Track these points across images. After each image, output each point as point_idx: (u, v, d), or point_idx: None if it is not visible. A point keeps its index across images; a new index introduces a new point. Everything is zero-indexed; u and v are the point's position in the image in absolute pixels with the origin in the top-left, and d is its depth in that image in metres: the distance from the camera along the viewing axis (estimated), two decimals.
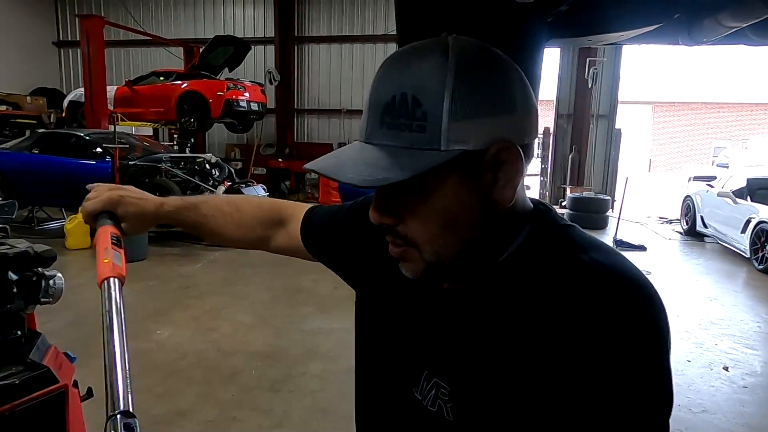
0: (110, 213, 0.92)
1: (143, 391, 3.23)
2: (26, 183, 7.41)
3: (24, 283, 1.33)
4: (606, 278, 0.55)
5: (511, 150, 0.55)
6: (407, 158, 0.53)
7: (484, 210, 0.58)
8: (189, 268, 6.19)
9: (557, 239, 0.61)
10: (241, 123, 11.48)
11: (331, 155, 0.61)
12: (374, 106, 0.57)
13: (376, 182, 0.53)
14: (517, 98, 0.56)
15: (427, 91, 0.54)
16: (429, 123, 0.53)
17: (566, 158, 11.87)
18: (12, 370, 1.19)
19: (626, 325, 0.52)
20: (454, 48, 0.55)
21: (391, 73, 0.57)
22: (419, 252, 0.60)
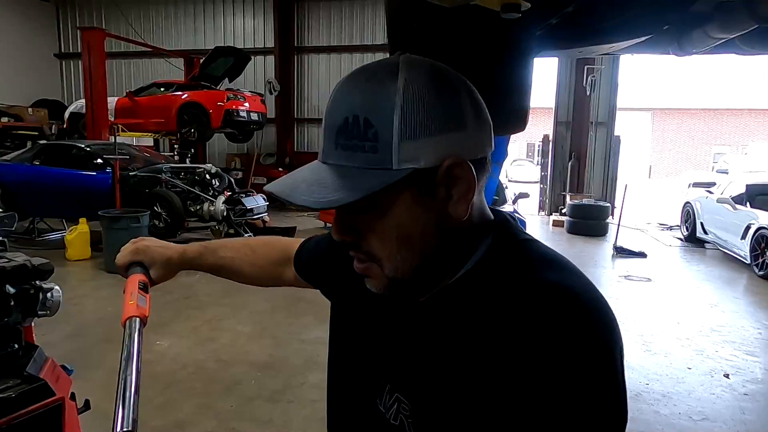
0: (140, 263, 1.00)
1: (143, 403, 3.19)
2: (27, 194, 7.44)
3: (22, 296, 1.33)
4: (560, 298, 0.55)
5: (462, 166, 0.57)
6: (360, 178, 0.55)
7: (439, 225, 0.59)
8: (189, 279, 6.18)
9: (516, 254, 0.61)
10: (241, 133, 11.54)
11: (289, 176, 0.63)
12: (329, 128, 0.59)
13: (327, 204, 0.55)
14: (467, 115, 0.57)
15: (377, 112, 0.55)
16: (380, 143, 0.55)
17: (566, 165, 11.89)
18: (9, 383, 1.20)
19: (576, 345, 0.52)
20: (403, 69, 0.56)
21: (343, 96, 0.59)
22: (380, 268, 0.62)
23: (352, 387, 0.76)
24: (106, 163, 7.41)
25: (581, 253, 8.33)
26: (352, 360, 0.77)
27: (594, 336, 0.54)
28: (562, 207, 11.31)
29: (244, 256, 1.06)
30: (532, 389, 0.52)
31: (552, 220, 11.03)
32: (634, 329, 4.79)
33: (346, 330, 0.80)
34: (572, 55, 5.03)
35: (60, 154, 7.80)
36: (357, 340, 0.76)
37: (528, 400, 0.52)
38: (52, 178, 7.48)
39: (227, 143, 12.86)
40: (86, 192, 7.30)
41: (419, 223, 0.59)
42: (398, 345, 0.68)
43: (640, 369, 3.90)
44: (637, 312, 5.34)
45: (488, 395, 0.55)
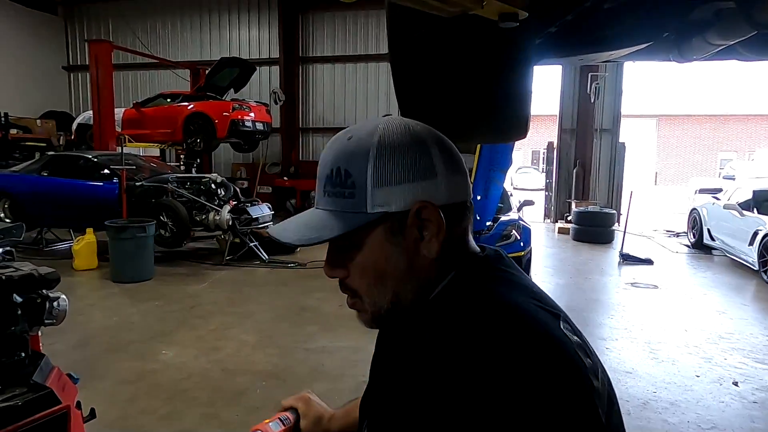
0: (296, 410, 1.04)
1: (148, 412, 3.22)
2: (35, 205, 7.50)
3: (28, 306, 1.35)
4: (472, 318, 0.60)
5: (429, 209, 0.64)
6: (339, 220, 0.65)
7: (411, 262, 0.67)
8: (195, 288, 6.21)
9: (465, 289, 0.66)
10: (246, 143, 11.60)
11: (290, 220, 0.73)
12: (320, 178, 0.69)
13: (307, 241, 0.66)
14: (437, 165, 0.65)
15: (355, 164, 0.65)
16: (357, 190, 0.64)
17: (570, 173, 11.87)
18: (15, 392, 1.21)
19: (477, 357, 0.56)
20: (379, 127, 0.66)
21: (330, 151, 0.68)
22: (363, 302, 0.70)
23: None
24: (112, 173, 7.47)
25: (587, 260, 8.29)
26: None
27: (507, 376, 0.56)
28: (567, 214, 11.27)
29: None
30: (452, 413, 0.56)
31: (557, 228, 11.00)
32: (641, 337, 4.75)
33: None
34: (573, 63, 5.04)
35: (67, 164, 7.87)
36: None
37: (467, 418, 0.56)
38: (59, 188, 7.55)
39: (233, 153, 12.93)
40: (93, 202, 7.36)
41: (390, 260, 0.67)
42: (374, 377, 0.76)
43: (648, 377, 3.86)
44: (644, 319, 5.30)
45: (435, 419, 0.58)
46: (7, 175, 8.04)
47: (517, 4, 0.84)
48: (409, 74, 1.22)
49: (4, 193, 7.75)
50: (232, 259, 7.36)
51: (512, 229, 5.98)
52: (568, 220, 10.84)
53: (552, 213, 12.31)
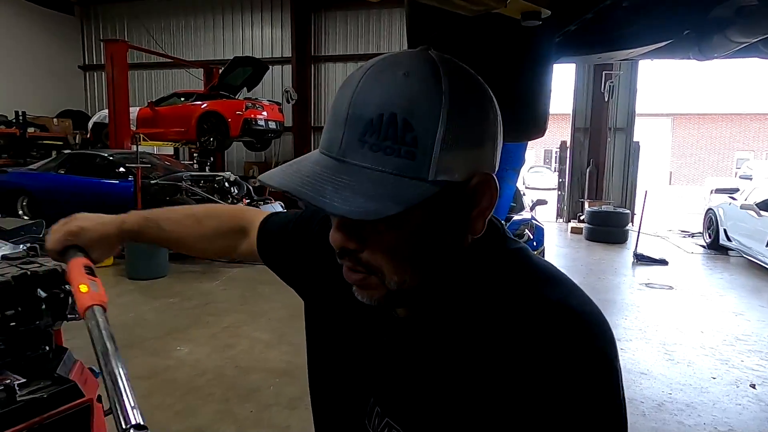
0: (76, 246, 0.89)
1: (163, 408, 3.26)
2: (52, 202, 7.62)
3: (52, 300, 1.37)
4: (562, 318, 0.53)
5: (490, 182, 0.54)
6: (393, 187, 0.49)
7: (455, 241, 0.56)
8: (208, 286, 6.26)
9: (508, 268, 0.59)
10: (259, 141, 11.68)
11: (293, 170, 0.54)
12: (354, 120, 0.51)
13: (369, 215, 0.48)
14: (496, 126, 0.55)
15: (420, 115, 0.49)
16: (419, 150, 0.49)
17: (584, 172, 11.78)
18: (40, 385, 1.23)
19: (578, 366, 0.51)
20: (444, 71, 0.51)
21: (377, 88, 0.51)
22: (381, 280, 0.56)
23: (338, 402, 0.72)
24: (128, 171, 7.57)
25: (601, 260, 8.22)
26: (336, 372, 0.72)
27: (595, 356, 0.52)
28: (580, 214, 11.19)
29: (189, 229, 0.97)
30: (536, 411, 0.50)
31: (570, 227, 10.92)
32: (656, 338, 4.70)
33: (327, 336, 0.75)
34: (591, 61, 5.00)
35: (84, 163, 7.99)
36: (339, 349, 0.71)
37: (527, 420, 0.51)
38: (76, 186, 7.67)
39: (245, 152, 13.02)
40: (109, 200, 7.46)
41: (438, 238, 0.55)
42: (385, 363, 0.63)
43: (663, 378, 3.83)
44: (659, 320, 5.25)
45: (485, 416, 0.53)
46: (26, 173, 8.19)
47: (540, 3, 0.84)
48: None
49: (23, 190, 7.90)
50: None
51: (525, 228, 5.94)
52: (581, 220, 10.76)
53: (565, 213, 12.23)
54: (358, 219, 0.49)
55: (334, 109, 0.54)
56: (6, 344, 1.26)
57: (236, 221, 0.96)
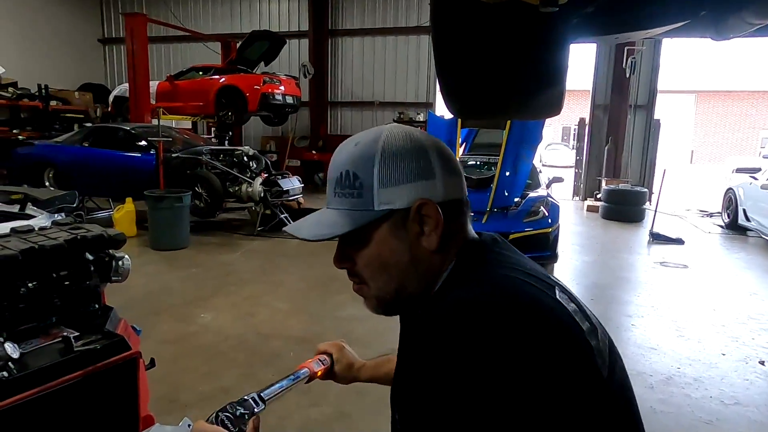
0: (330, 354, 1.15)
1: (190, 371, 3.44)
2: (77, 174, 7.82)
3: (98, 263, 1.50)
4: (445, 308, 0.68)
5: (429, 206, 0.72)
6: (348, 217, 0.73)
7: (413, 254, 0.75)
8: (229, 257, 6.44)
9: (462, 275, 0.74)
10: (276, 116, 11.72)
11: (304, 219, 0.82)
12: (330, 181, 0.77)
13: (321, 236, 0.73)
14: (435, 168, 0.74)
15: (362, 167, 0.73)
16: (364, 190, 0.73)
17: (602, 150, 11.65)
18: (92, 338, 1.36)
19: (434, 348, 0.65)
20: (383, 134, 0.74)
21: (339, 156, 0.77)
22: (369, 289, 0.78)
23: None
24: (149, 145, 7.71)
25: (616, 238, 8.22)
26: None
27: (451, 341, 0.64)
28: (597, 192, 11.12)
29: None
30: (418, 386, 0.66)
31: (586, 205, 10.88)
32: (667, 315, 4.76)
33: None
34: (609, 42, 4.94)
35: (107, 136, 8.15)
36: None
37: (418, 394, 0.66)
38: (100, 159, 7.85)
39: (262, 126, 13.09)
40: (132, 172, 7.64)
41: (395, 252, 0.74)
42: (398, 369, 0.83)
43: (672, 354, 3.90)
44: (672, 298, 5.29)
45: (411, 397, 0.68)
46: (51, 145, 8.39)
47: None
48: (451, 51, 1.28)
49: (49, 162, 8.10)
50: (264, 230, 7.57)
51: (540, 205, 5.97)
52: (597, 198, 10.70)
53: (581, 190, 12.15)
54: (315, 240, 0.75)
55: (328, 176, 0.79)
56: (61, 301, 1.39)
57: None
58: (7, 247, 1.29)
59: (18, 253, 1.27)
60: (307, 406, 3.06)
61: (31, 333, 1.32)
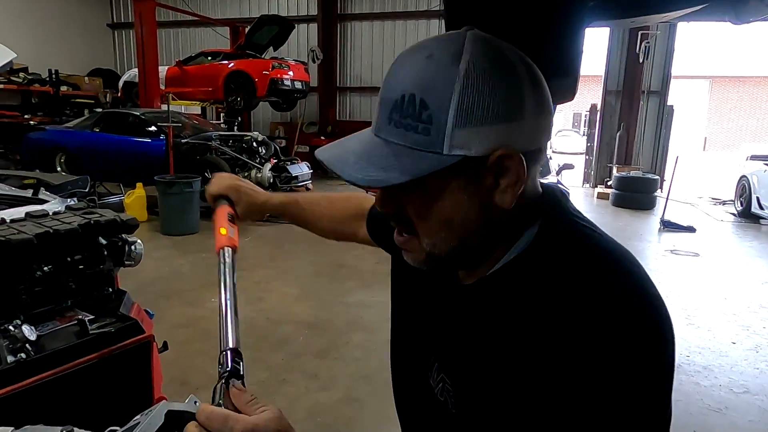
0: (227, 197, 1.04)
1: (201, 354, 3.49)
2: (88, 159, 7.88)
3: (112, 247, 1.51)
4: (608, 291, 0.56)
5: (512, 158, 0.56)
6: (409, 159, 0.56)
7: (483, 212, 0.60)
8: (239, 242, 6.48)
9: (565, 245, 0.61)
10: (285, 101, 11.70)
11: (338, 144, 0.64)
12: (384, 102, 0.59)
13: (375, 183, 0.56)
14: (527, 104, 0.56)
15: (434, 94, 0.55)
16: (433, 126, 0.55)
17: (613, 136, 11.52)
18: (106, 321, 1.38)
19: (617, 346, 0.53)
20: (467, 50, 0.55)
21: (402, 71, 0.58)
22: (419, 242, 0.63)
23: (408, 356, 0.79)
24: (159, 130, 7.74)
25: (626, 226, 8.16)
26: (408, 329, 0.80)
27: (643, 337, 0.54)
28: (607, 179, 11.02)
29: (324, 209, 1.10)
30: (572, 390, 0.53)
31: (596, 193, 10.80)
32: (677, 303, 4.74)
33: (404, 297, 0.83)
34: (625, 25, 4.84)
35: (117, 121, 8.19)
36: (412, 310, 0.79)
37: (566, 400, 0.53)
38: (110, 144, 7.90)
39: (271, 112, 13.08)
40: (142, 158, 7.68)
41: (462, 208, 0.59)
42: (445, 326, 0.69)
43: (682, 342, 3.89)
44: (682, 286, 5.26)
45: (527, 389, 0.56)
46: (62, 130, 8.45)
47: None
48: None
49: (61, 148, 8.16)
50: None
51: None
52: (608, 185, 10.62)
53: (592, 178, 12.05)
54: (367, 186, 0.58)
55: (380, 93, 0.61)
56: (75, 285, 1.40)
57: (360, 206, 1.05)
58: (22, 231, 1.30)
59: (33, 237, 1.28)
60: (316, 391, 3.10)
61: (47, 316, 1.34)
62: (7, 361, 1.15)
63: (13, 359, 1.16)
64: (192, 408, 0.63)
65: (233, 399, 0.59)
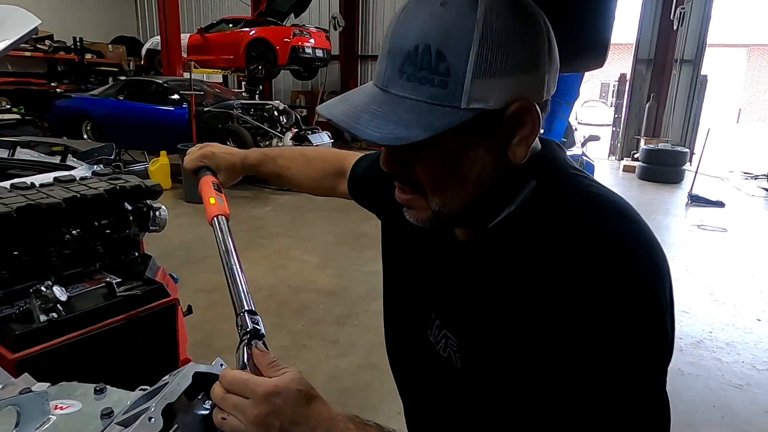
0: (208, 168, 1.04)
1: (224, 318, 3.58)
2: (113, 127, 7.98)
3: (137, 213, 1.54)
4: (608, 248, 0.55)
5: (531, 110, 0.55)
6: (426, 114, 0.53)
7: (496, 167, 0.58)
8: (259, 211, 6.56)
9: (563, 196, 0.60)
10: (306, 70, 11.60)
11: (342, 99, 0.59)
12: (394, 52, 0.55)
13: (396, 141, 0.53)
14: (541, 55, 0.55)
15: (452, 45, 0.51)
16: (452, 79, 0.52)
17: (642, 107, 11.17)
18: (133, 284, 1.42)
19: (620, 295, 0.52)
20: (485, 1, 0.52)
21: (415, 20, 0.54)
22: (426, 201, 0.60)
23: (404, 315, 0.78)
24: (182, 98, 7.77)
25: (652, 200, 7.99)
26: (403, 288, 0.79)
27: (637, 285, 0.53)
28: (634, 152, 10.74)
29: (300, 167, 1.09)
30: (573, 338, 0.52)
31: (622, 165, 10.55)
32: (702, 279, 4.66)
33: (397, 257, 0.82)
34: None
35: (140, 89, 8.24)
36: (407, 269, 0.78)
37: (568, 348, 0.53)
38: (134, 112, 7.97)
39: (292, 80, 13.00)
40: (165, 126, 7.75)
41: (476, 164, 0.57)
42: (445, 282, 0.68)
43: (705, 318, 3.84)
44: (708, 262, 5.16)
45: (530, 340, 0.55)
46: (88, 98, 8.55)
47: None
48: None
49: (86, 115, 8.28)
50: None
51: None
52: (634, 158, 10.36)
53: (618, 150, 11.77)
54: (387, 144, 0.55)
55: (383, 42, 0.57)
56: (103, 248, 1.44)
57: (338, 164, 1.05)
58: (51, 196, 1.33)
59: (62, 201, 1.31)
60: (336, 356, 3.16)
61: (76, 278, 1.38)
62: (40, 320, 1.20)
63: (45, 318, 1.20)
64: (218, 370, 0.65)
65: (255, 360, 0.60)
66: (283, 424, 0.54)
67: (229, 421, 0.55)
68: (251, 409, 0.54)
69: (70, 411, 0.61)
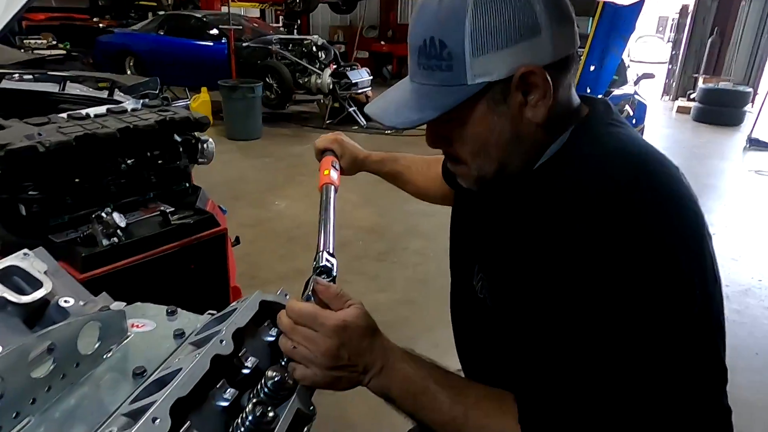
0: (333, 151, 1.16)
1: (267, 252, 3.71)
2: (155, 63, 8.02)
3: (186, 144, 1.56)
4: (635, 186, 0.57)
5: (536, 73, 0.60)
6: (437, 96, 0.62)
7: (516, 129, 0.64)
8: (299, 148, 6.59)
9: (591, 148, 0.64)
10: (344, 3, 11.20)
11: (383, 96, 0.71)
12: (413, 49, 0.65)
13: (410, 124, 0.63)
14: (541, 19, 0.59)
15: (449, 31, 0.60)
16: (455, 61, 0.60)
17: (704, 43, 10.34)
18: (186, 213, 1.47)
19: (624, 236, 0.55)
20: None
21: (420, 18, 0.64)
22: (467, 168, 0.69)
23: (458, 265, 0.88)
24: (221, 33, 7.69)
25: (708, 143, 7.57)
26: (456, 246, 0.90)
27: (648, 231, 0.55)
28: (691, 91, 10.08)
29: (420, 169, 1.18)
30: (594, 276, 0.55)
31: (676, 106, 9.95)
32: (754, 226, 4.47)
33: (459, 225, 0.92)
34: None
35: (180, 24, 8.19)
36: (461, 228, 0.89)
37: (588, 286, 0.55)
38: (174, 47, 7.97)
39: (330, 15, 12.60)
40: (204, 61, 7.74)
41: (494, 131, 0.64)
42: (486, 232, 0.77)
43: (754, 265, 3.70)
44: (763, 209, 4.92)
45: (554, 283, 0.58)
46: (129, 33, 8.58)
47: None
48: None
49: (129, 51, 8.34)
50: (332, 123, 7.59)
51: (626, 104, 5.53)
52: (690, 98, 9.74)
53: (673, 89, 11.07)
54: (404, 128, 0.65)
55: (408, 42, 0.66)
56: (156, 178, 1.48)
57: None
58: (105, 126, 1.36)
59: (116, 131, 1.35)
60: (376, 291, 3.25)
61: (132, 206, 1.44)
62: (103, 244, 1.26)
63: (107, 243, 1.27)
64: (283, 300, 0.69)
65: (321, 293, 0.64)
66: (350, 356, 0.60)
67: (299, 351, 0.60)
68: (322, 341, 0.59)
69: (145, 329, 0.66)
